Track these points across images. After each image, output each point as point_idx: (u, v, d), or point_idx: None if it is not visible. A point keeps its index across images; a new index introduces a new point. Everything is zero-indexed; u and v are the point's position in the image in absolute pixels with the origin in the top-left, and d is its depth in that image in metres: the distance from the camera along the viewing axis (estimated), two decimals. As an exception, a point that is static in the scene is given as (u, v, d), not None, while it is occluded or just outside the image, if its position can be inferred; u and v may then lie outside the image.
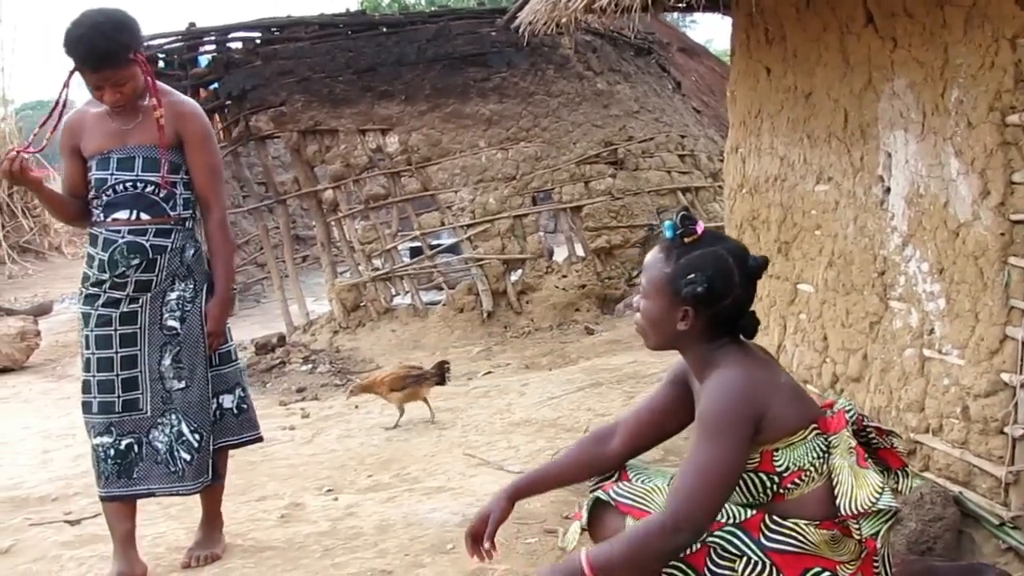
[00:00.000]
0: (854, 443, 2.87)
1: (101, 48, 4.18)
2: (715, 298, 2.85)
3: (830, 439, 2.86)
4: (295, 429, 7.65)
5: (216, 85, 13.01)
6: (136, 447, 4.50)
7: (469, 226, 11.60)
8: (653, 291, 2.95)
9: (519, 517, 5.00)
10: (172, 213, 4.46)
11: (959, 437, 4.05)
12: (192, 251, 4.53)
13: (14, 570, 4.84)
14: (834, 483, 2.82)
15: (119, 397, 4.46)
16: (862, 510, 2.76)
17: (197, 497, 6.04)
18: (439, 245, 12.26)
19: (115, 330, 4.43)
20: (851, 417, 2.90)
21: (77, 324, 4.62)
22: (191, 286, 4.50)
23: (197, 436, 4.49)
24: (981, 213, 3.84)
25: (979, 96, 3.82)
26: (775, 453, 2.81)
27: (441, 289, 11.85)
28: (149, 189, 4.40)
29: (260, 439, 4.90)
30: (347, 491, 5.94)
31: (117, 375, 4.45)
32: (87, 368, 4.50)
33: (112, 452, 4.49)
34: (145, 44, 13.23)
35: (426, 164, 11.91)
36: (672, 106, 14.68)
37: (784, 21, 5.42)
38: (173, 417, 4.48)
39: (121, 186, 4.38)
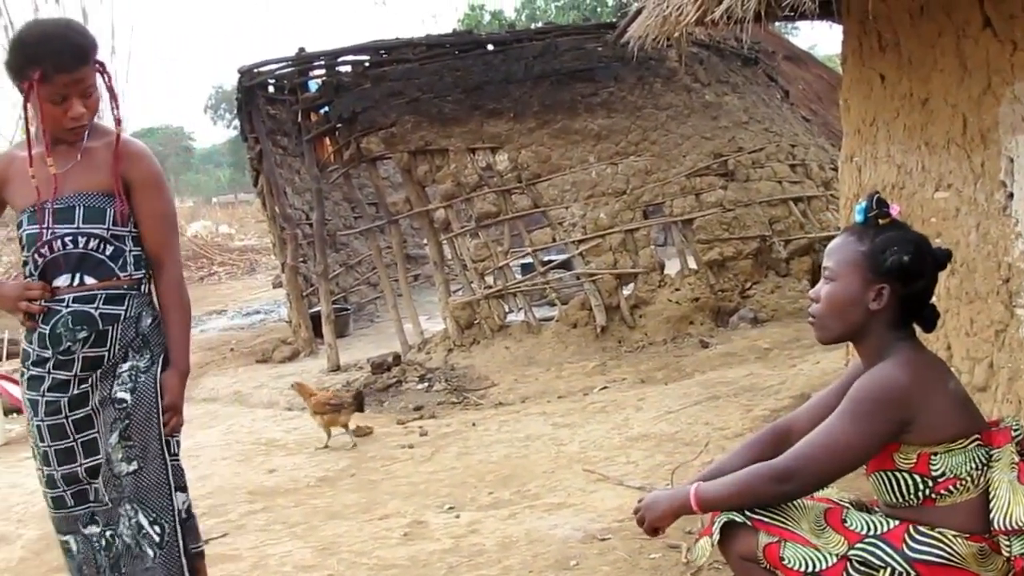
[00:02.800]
0: (1017, 459, 2.82)
1: (76, 42, 3.55)
2: (913, 275, 2.87)
3: (992, 452, 2.82)
4: (414, 447, 7.72)
5: (327, 108, 13.20)
6: (117, 539, 3.74)
7: (580, 241, 11.59)
8: (845, 270, 2.93)
9: (639, 532, 4.99)
10: (123, 274, 3.72)
11: (1092, 446, 3.96)
12: (150, 319, 3.79)
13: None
14: (991, 496, 2.79)
15: (89, 484, 3.73)
16: (1017, 526, 2.71)
17: (322, 513, 6.16)
18: (551, 261, 12.28)
19: (66, 417, 3.67)
20: (1017, 436, 2.85)
21: (26, 412, 3.82)
22: (147, 356, 3.75)
23: (158, 528, 3.68)
24: (1110, 217, 3.76)
25: (1105, 98, 3.74)
26: (933, 457, 2.80)
27: (554, 305, 11.86)
28: (93, 245, 3.66)
29: (203, 554, 3.98)
30: (468, 508, 5.98)
31: (80, 464, 3.71)
32: (46, 461, 3.73)
33: (103, 543, 3.75)
34: (256, 70, 13.69)
35: (536, 181, 11.93)
36: (781, 115, 14.54)
37: (898, 27, 5.35)
38: (128, 507, 3.70)
39: (59, 243, 3.63)
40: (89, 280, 3.66)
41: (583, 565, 4.72)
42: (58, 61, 3.46)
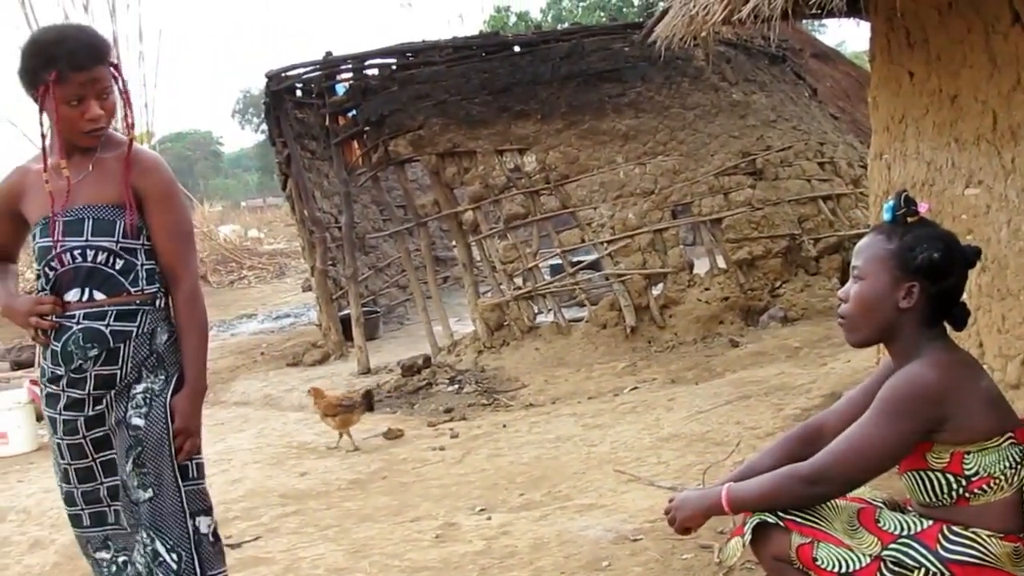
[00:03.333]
0: None
1: (90, 42, 3.46)
2: (943, 272, 2.85)
3: None
4: (445, 449, 7.73)
5: (354, 112, 13.22)
6: (128, 566, 3.64)
7: (609, 242, 11.58)
8: (875, 269, 2.91)
9: (671, 533, 4.98)
10: (133, 289, 3.58)
11: None
12: (166, 336, 3.66)
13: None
14: None
15: (109, 507, 3.65)
16: None
17: (354, 515, 6.18)
18: (580, 262, 12.27)
19: (84, 437, 3.57)
20: None
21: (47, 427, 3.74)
22: (162, 377, 3.63)
23: (175, 556, 3.54)
24: None
25: None
26: (966, 456, 2.78)
27: (583, 306, 11.85)
28: (102, 259, 3.53)
29: None
30: (500, 510, 5.99)
31: (101, 483, 3.62)
32: (67, 479, 3.65)
33: (114, 569, 3.68)
34: (284, 75, 13.75)
35: (564, 182, 11.91)
36: (809, 113, 14.48)
37: (926, 24, 5.33)
38: (144, 535, 3.56)
39: (68, 256, 3.51)
40: (99, 295, 3.54)
41: (615, 566, 4.71)
42: (74, 60, 3.37)
